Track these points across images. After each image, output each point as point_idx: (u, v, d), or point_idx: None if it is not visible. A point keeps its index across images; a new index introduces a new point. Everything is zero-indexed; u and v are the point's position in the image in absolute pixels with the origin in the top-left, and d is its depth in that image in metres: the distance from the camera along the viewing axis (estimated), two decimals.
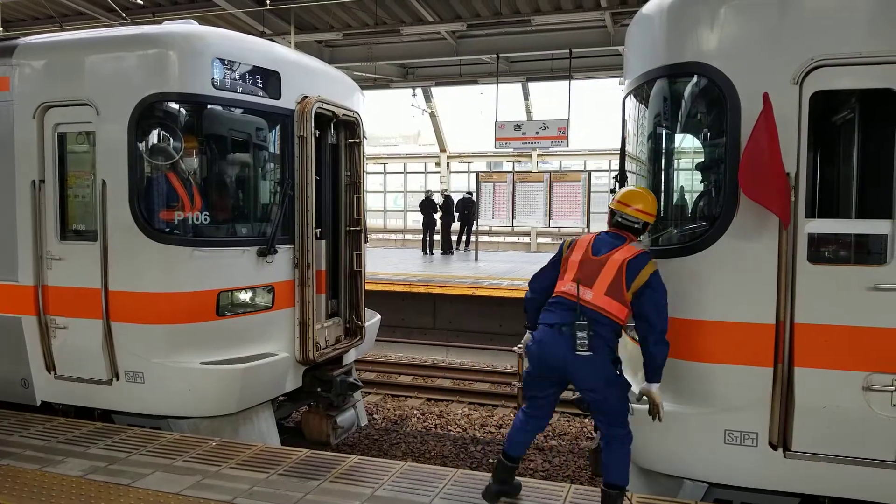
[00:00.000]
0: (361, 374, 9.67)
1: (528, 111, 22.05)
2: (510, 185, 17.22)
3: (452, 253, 19.51)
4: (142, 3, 14.73)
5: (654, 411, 3.74)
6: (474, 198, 18.31)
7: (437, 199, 20.18)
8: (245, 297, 5.63)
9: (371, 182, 26.64)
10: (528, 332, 4.07)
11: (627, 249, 3.74)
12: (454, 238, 20.16)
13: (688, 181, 4.54)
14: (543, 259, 4.37)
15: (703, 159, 4.39)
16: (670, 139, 4.49)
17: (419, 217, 20.35)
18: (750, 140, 3.64)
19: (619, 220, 3.90)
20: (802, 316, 3.79)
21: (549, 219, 16.97)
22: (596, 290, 3.65)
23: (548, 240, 24.22)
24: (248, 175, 6.11)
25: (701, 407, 4.03)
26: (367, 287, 7.21)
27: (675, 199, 4.50)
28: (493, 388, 9.93)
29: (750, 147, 3.62)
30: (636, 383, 4.59)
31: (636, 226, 3.88)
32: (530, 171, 22.22)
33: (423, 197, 20.36)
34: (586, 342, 3.54)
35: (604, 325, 3.62)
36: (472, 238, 19.26)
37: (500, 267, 15.72)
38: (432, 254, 19.27)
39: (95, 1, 14.96)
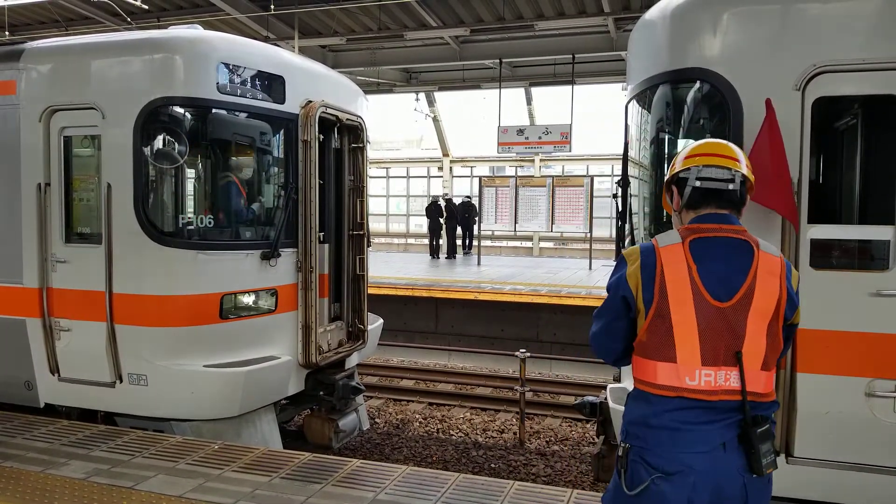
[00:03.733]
0: (364, 378, 9.67)
1: (531, 116, 22.08)
2: (513, 190, 17.25)
3: (455, 257, 19.52)
4: (147, 7, 14.79)
5: None
6: (473, 202, 18.35)
7: (442, 203, 20.23)
8: (248, 300, 5.64)
9: (374, 186, 26.67)
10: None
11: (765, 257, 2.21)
12: (457, 242, 20.17)
13: None
14: (545, 263, 4.24)
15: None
16: (673, 144, 4.50)
17: (422, 221, 20.38)
18: (754, 146, 3.64)
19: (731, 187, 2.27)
20: (805, 322, 3.78)
21: (552, 223, 16.99)
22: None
23: (550, 244, 24.21)
24: (252, 179, 6.14)
25: None
26: (370, 291, 7.22)
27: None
28: (496, 392, 9.92)
29: (754, 153, 3.62)
30: None
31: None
32: (533, 176, 22.23)
33: (429, 202, 20.39)
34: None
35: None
36: (473, 242, 19.26)
37: (502, 271, 15.72)
38: (439, 258, 19.28)
39: (101, 6, 15.03)
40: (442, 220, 19.66)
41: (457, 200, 20.48)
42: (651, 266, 2.18)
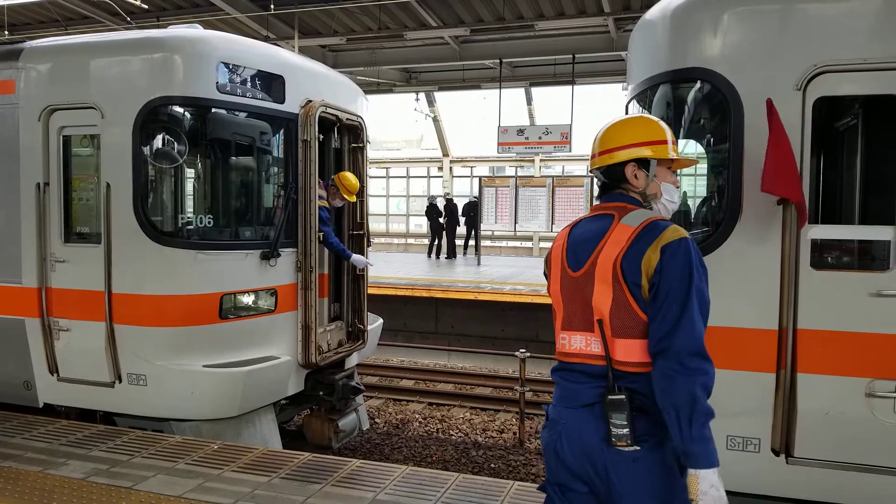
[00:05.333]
0: (363, 378, 9.66)
1: (531, 116, 22.07)
2: (513, 190, 17.24)
3: (455, 257, 19.51)
4: (147, 7, 14.79)
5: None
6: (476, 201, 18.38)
7: (441, 203, 20.22)
8: (248, 300, 5.64)
9: (374, 186, 26.67)
10: None
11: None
12: (461, 242, 20.16)
13: (690, 186, 4.54)
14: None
15: (705, 165, 4.39)
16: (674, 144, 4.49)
17: (422, 221, 20.37)
18: (770, 143, 3.61)
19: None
20: (805, 322, 3.79)
21: (552, 223, 16.98)
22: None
23: (550, 245, 24.19)
24: (251, 179, 6.13)
25: None
26: (370, 291, 7.22)
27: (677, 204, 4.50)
28: (495, 392, 9.92)
29: (771, 148, 3.60)
30: None
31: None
32: (533, 176, 22.22)
33: (427, 204, 20.39)
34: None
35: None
36: (480, 243, 19.26)
37: (502, 271, 15.72)
38: (438, 258, 19.27)
39: (101, 5, 15.02)
40: (441, 221, 19.65)
41: (458, 200, 20.46)
42: (549, 249, 2.49)
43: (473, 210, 19.32)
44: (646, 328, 2.15)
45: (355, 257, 6.58)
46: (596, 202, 2.51)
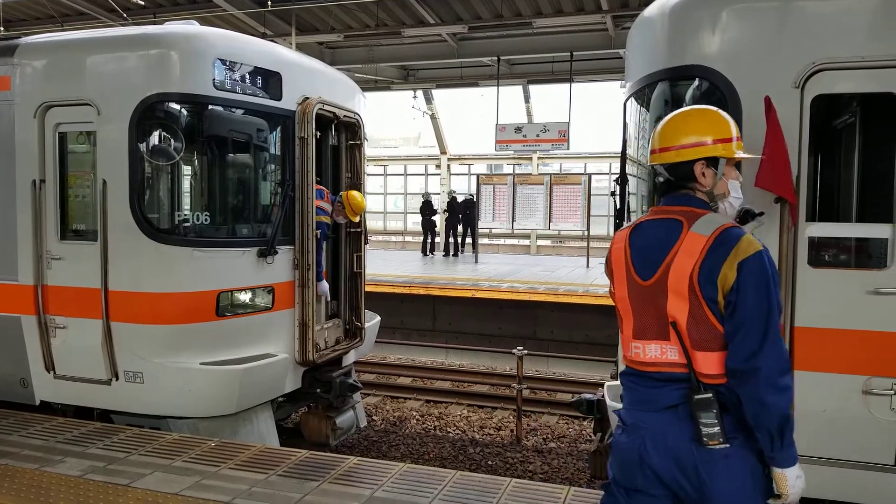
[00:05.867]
0: (361, 376, 9.66)
1: (529, 114, 22.05)
2: (510, 188, 17.23)
3: (457, 254, 19.50)
4: (143, 3, 14.73)
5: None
6: (474, 200, 18.35)
7: (436, 201, 20.21)
8: (245, 297, 5.63)
9: (371, 184, 26.65)
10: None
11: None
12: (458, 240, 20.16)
13: None
14: (542, 261, 4.22)
15: None
16: None
17: (419, 219, 20.35)
18: (767, 140, 3.62)
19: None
20: (802, 319, 3.79)
21: (549, 221, 16.98)
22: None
23: (547, 242, 24.21)
24: (248, 176, 6.12)
25: None
26: (367, 289, 7.22)
27: None
28: (493, 390, 9.92)
29: (769, 145, 3.60)
30: None
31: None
32: (531, 174, 22.21)
33: (422, 201, 20.38)
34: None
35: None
36: (477, 241, 19.23)
37: (499, 269, 15.72)
38: (433, 255, 19.28)
39: (96, 1, 14.96)
40: (435, 219, 19.66)
41: (459, 198, 20.45)
42: (608, 251, 2.44)
43: (469, 208, 19.32)
44: (724, 340, 2.14)
45: (321, 283, 6.37)
46: (658, 201, 2.40)
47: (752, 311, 2.09)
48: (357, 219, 6.58)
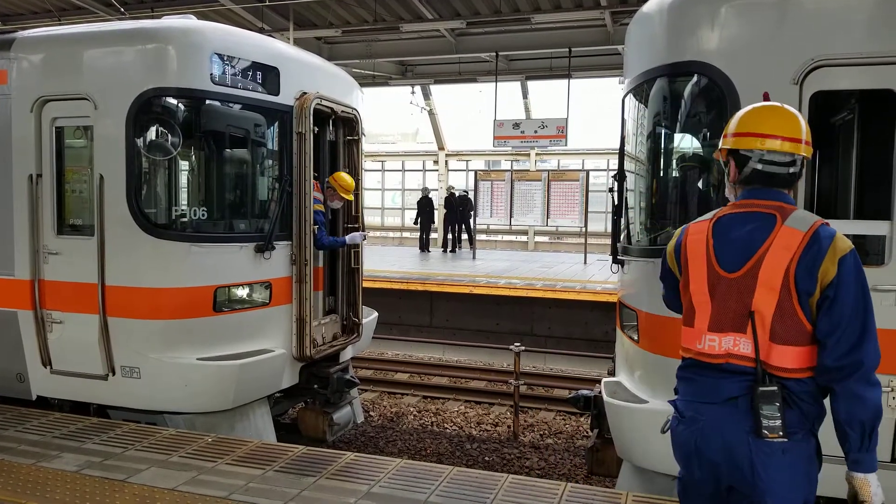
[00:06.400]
0: (358, 372, 9.66)
1: (527, 110, 22.03)
2: (508, 184, 17.22)
3: (455, 251, 19.49)
4: None
5: None
6: (470, 196, 18.33)
7: (434, 196, 20.20)
8: (242, 293, 5.62)
9: (369, 180, 26.58)
10: None
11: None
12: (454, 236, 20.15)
13: (686, 181, 4.53)
14: (540, 257, 4.21)
15: (702, 159, 4.38)
16: (670, 138, 4.49)
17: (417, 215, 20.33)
18: None
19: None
20: None
21: (547, 218, 16.98)
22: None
23: (545, 239, 24.20)
24: (246, 171, 6.10)
25: None
26: (365, 284, 7.21)
27: (674, 199, 4.50)
28: (490, 386, 9.92)
29: None
30: (632, 383, 4.60)
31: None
32: (528, 170, 22.19)
33: (420, 195, 20.38)
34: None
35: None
36: (473, 237, 19.22)
37: (497, 265, 15.72)
38: (429, 251, 19.27)
39: None
40: (434, 214, 19.67)
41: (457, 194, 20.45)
42: (679, 244, 2.41)
43: (463, 204, 19.31)
44: (806, 337, 2.16)
45: (350, 236, 6.60)
46: (741, 187, 2.34)
47: (852, 306, 2.12)
48: (351, 197, 6.54)
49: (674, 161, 4.51)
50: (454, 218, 19.62)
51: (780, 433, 2.12)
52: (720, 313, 2.25)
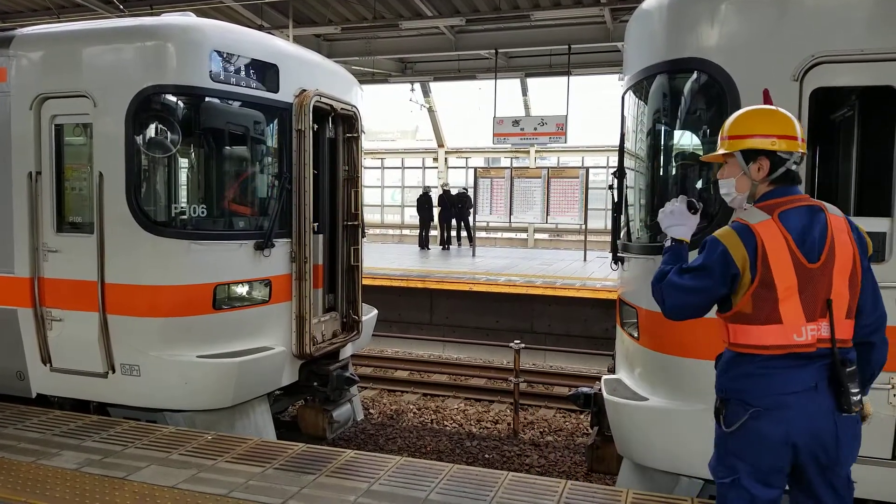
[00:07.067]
0: (358, 369, 9.66)
1: (527, 107, 22.02)
2: (508, 181, 17.20)
3: (449, 248, 19.49)
4: None
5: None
6: (469, 193, 18.31)
7: (433, 194, 20.19)
8: (242, 290, 5.62)
9: (368, 177, 26.57)
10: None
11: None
12: (453, 234, 20.14)
13: (686, 178, 4.53)
14: (540, 255, 4.19)
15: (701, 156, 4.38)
16: (669, 135, 4.48)
17: (416, 212, 20.33)
18: None
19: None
20: None
21: (547, 215, 16.97)
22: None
23: (545, 236, 24.20)
24: (245, 168, 6.10)
25: (698, 403, 4.02)
26: (365, 282, 7.21)
27: (673, 196, 4.48)
28: (490, 383, 9.93)
29: None
30: (632, 380, 4.60)
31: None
32: (528, 167, 22.18)
33: (420, 193, 20.37)
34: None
35: None
36: (472, 234, 19.21)
37: (497, 263, 15.72)
38: (429, 249, 19.27)
39: None
40: (434, 212, 19.65)
41: (453, 191, 20.43)
42: (752, 243, 2.43)
43: (462, 201, 19.30)
44: (854, 308, 2.47)
45: None
46: (767, 185, 2.55)
47: (870, 269, 2.54)
48: None
49: (674, 158, 4.50)
50: (449, 215, 19.61)
51: (860, 405, 2.39)
52: (809, 303, 2.40)
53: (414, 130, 30.23)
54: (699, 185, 4.39)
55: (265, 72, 5.72)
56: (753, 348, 2.44)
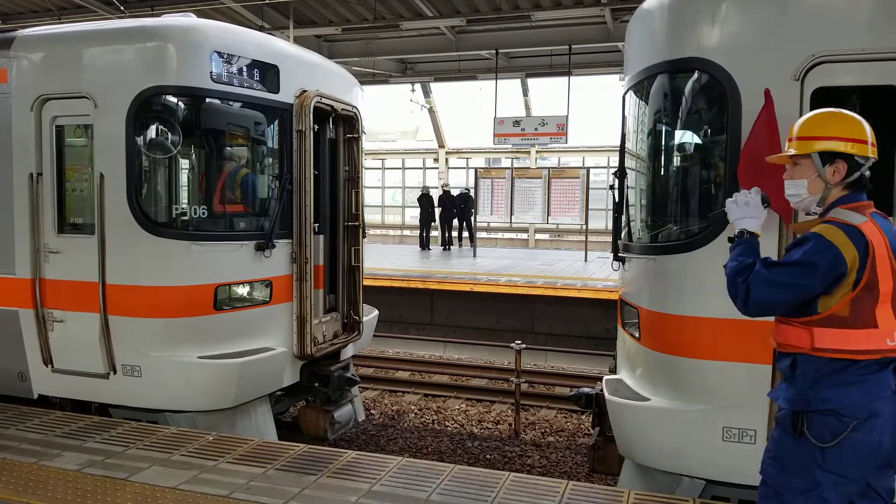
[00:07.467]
0: (359, 370, 9.66)
1: (527, 107, 22.02)
2: (509, 182, 17.20)
3: (450, 249, 19.49)
4: None
5: None
6: (471, 193, 18.31)
7: (434, 194, 20.20)
8: (243, 291, 5.62)
9: (369, 178, 26.57)
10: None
11: None
12: (454, 234, 20.14)
13: (688, 178, 4.52)
14: (541, 255, 4.18)
15: (703, 156, 4.37)
16: (670, 135, 4.48)
17: (417, 213, 20.33)
18: (750, 136, 3.62)
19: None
20: None
21: (548, 215, 16.97)
22: None
23: (546, 236, 24.21)
24: (246, 169, 6.09)
25: (700, 404, 4.02)
26: (365, 282, 7.20)
27: (674, 196, 4.49)
28: (491, 384, 9.93)
29: (750, 143, 3.61)
30: (633, 381, 4.60)
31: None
32: (529, 168, 22.18)
33: (420, 192, 20.37)
34: None
35: None
36: (474, 234, 19.21)
37: (498, 263, 15.71)
38: (430, 249, 19.27)
39: None
40: (435, 211, 19.64)
41: (454, 192, 20.43)
42: (862, 244, 2.38)
43: (464, 201, 19.30)
44: None
45: None
46: (841, 189, 2.59)
47: None
48: None
49: (675, 158, 4.49)
50: (450, 215, 19.60)
51: None
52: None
53: (414, 131, 30.21)
54: (699, 185, 4.39)
55: (266, 72, 5.72)
56: (847, 353, 2.37)
